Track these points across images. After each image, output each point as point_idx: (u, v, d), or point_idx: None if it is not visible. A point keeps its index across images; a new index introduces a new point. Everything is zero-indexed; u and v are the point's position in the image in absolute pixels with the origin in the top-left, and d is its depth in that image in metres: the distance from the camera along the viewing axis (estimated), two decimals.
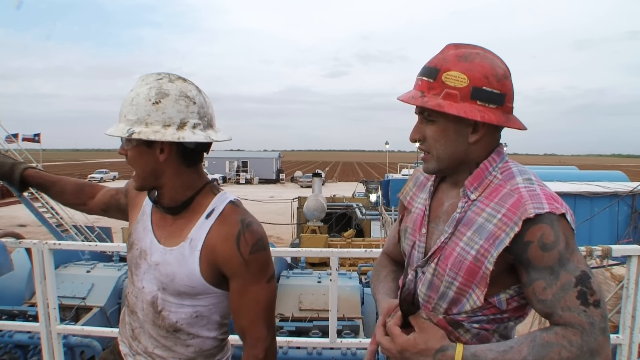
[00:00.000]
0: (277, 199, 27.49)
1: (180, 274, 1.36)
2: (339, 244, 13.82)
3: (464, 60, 1.14)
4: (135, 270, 1.46)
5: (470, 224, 1.16)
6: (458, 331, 1.18)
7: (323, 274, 6.32)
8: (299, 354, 3.12)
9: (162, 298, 1.40)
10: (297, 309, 5.47)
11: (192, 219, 1.40)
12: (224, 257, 1.35)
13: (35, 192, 16.87)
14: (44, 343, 2.76)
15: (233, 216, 1.39)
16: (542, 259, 1.06)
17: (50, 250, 2.70)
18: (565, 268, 1.05)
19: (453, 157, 1.19)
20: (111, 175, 57.10)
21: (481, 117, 1.11)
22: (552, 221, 1.05)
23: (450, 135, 1.17)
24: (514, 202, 1.09)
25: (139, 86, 1.32)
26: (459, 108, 1.12)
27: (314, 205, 15.43)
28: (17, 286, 5.45)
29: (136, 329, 1.47)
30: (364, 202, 19.86)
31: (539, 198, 1.07)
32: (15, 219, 25.25)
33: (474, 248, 1.13)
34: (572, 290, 1.03)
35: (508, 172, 1.18)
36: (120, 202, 1.67)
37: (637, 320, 2.49)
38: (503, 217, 1.10)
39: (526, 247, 1.07)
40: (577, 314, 1.02)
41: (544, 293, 1.06)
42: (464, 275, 1.14)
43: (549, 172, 17.84)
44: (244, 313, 1.39)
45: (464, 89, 1.12)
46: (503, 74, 1.15)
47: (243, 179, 56.67)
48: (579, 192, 10.39)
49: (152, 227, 1.45)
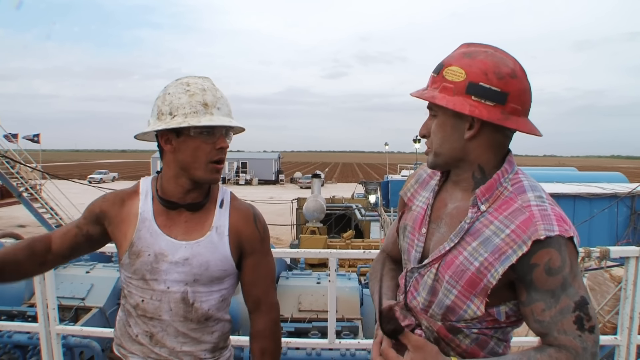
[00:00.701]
0: (277, 199, 27.51)
1: (214, 260, 1.47)
2: (338, 245, 13.83)
3: (467, 57, 1.14)
4: (151, 275, 1.46)
5: (476, 234, 1.14)
6: (458, 337, 1.18)
7: (322, 275, 6.32)
8: (298, 354, 3.12)
9: (193, 291, 1.46)
10: (296, 310, 5.47)
11: (208, 211, 1.51)
12: (247, 236, 1.53)
13: (34, 193, 16.89)
14: (43, 343, 2.76)
15: (240, 202, 1.59)
16: (546, 282, 1.06)
17: None
18: (567, 292, 1.05)
19: (450, 153, 1.19)
20: (111, 176, 56.98)
21: (470, 111, 1.10)
22: (561, 245, 1.05)
23: (447, 130, 1.18)
24: (524, 219, 1.08)
25: (213, 86, 1.48)
26: (448, 100, 1.13)
27: (313, 206, 15.44)
28: (16, 286, 5.44)
29: (157, 334, 1.48)
30: (364, 203, 19.87)
31: (550, 219, 1.06)
32: (15, 219, 25.25)
33: (477, 260, 1.12)
34: (570, 314, 1.05)
35: (519, 185, 1.15)
36: (90, 233, 1.54)
37: (635, 321, 2.50)
38: (512, 234, 1.08)
39: (532, 269, 1.06)
40: (573, 338, 1.04)
41: (542, 315, 1.07)
42: (464, 285, 1.13)
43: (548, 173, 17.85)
44: (259, 284, 1.57)
45: (460, 84, 1.12)
46: (509, 73, 1.11)
47: (242, 179, 56.60)
48: (578, 194, 10.41)
49: (161, 229, 1.47)
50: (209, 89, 1.44)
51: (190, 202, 1.48)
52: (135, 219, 1.48)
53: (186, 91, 1.41)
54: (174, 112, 1.39)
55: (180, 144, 1.41)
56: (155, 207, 1.49)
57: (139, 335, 1.50)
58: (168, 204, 1.48)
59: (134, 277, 1.48)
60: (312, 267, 10.65)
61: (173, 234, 1.47)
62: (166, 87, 1.46)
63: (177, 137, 1.41)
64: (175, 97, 1.41)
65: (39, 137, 21.53)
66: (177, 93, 1.41)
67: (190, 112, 1.39)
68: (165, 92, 1.44)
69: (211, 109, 1.41)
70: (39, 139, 21.51)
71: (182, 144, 1.41)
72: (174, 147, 1.42)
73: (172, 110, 1.40)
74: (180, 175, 1.45)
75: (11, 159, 15.82)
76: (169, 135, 1.42)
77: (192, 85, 1.43)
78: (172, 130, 1.40)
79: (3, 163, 16.15)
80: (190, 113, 1.38)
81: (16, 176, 16.60)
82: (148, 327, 1.48)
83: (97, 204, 1.54)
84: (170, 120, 1.39)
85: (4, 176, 16.12)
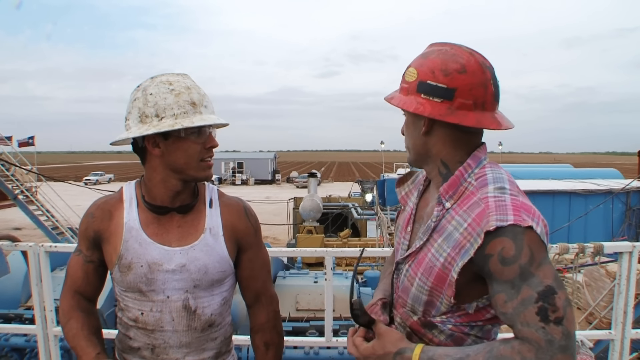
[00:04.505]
0: (273, 199, 27.47)
1: (212, 262, 1.43)
2: (335, 244, 13.84)
3: (422, 57, 1.21)
4: (147, 287, 1.40)
5: (441, 231, 1.17)
6: (432, 332, 1.20)
7: (319, 274, 6.33)
8: (296, 353, 3.13)
9: (194, 297, 1.42)
10: (294, 309, 5.48)
11: (199, 212, 1.47)
12: (242, 231, 1.51)
13: (30, 195, 16.83)
14: (41, 346, 2.76)
15: (228, 197, 1.56)
16: (503, 272, 1.04)
17: (46, 252, 2.71)
18: (528, 283, 1.02)
19: (415, 149, 1.27)
20: (107, 178, 56.81)
21: (415, 108, 1.17)
22: (515, 234, 1.03)
23: (410, 128, 1.27)
24: (479, 212, 1.08)
25: (194, 82, 1.42)
26: (400, 100, 1.22)
27: (309, 205, 15.42)
28: (13, 289, 5.44)
29: (159, 346, 1.43)
30: (360, 202, 19.86)
31: (505, 209, 1.05)
32: (11, 222, 25.16)
33: (442, 255, 1.14)
34: (532, 305, 1.00)
35: (482, 178, 1.16)
36: (101, 259, 1.48)
37: (629, 315, 2.52)
38: (468, 227, 1.10)
39: (487, 260, 1.06)
40: (535, 330, 0.99)
41: (504, 306, 1.04)
42: (433, 280, 1.16)
43: (544, 170, 17.89)
44: (258, 277, 1.57)
45: (412, 83, 1.19)
46: (456, 69, 1.14)
47: (239, 179, 56.53)
48: (573, 190, 10.46)
49: (151, 238, 1.41)
50: (192, 86, 1.38)
51: (180, 204, 1.43)
52: (120, 231, 1.41)
53: (171, 90, 1.34)
54: (161, 114, 1.32)
55: (169, 146, 1.35)
56: (143, 214, 1.43)
57: (141, 348, 1.45)
58: (158, 209, 1.42)
59: (128, 290, 1.42)
60: (309, 267, 10.65)
61: (165, 241, 1.41)
62: (144, 87, 1.37)
63: (164, 139, 1.34)
64: (159, 98, 1.33)
65: (34, 139, 21.48)
66: (161, 93, 1.33)
67: (180, 112, 1.32)
68: (146, 92, 1.35)
69: (199, 107, 1.36)
70: (34, 141, 21.46)
71: (171, 146, 1.35)
72: (162, 150, 1.35)
73: (158, 112, 1.32)
74: (169, 178, 1.39)
75: (6, 161, 15.77)
76: (156, 138, 1.34)
77: (175, 84, 1.36)
78: (160, 133, 1.32)
79: None
80: (180, 114, 1.32)
81: (11, 179, 16.56)
82: (150, 340, 1.43)
83: (89, 226, 1.45)
84: (159, 122, 1.32)
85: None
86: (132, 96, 1.39)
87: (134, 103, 1.37)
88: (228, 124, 1.47)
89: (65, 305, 1.49)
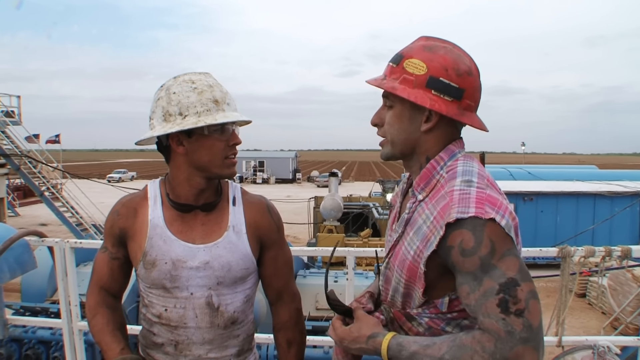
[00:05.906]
0: (294, 198, 27.57)
1: (235, 259, 1.44)
2: (355, 244, 13.81)
3: (428, 50, 1.18)
4: (172, 283, 1.42)
5: (413, 224, 1.18)
6: (412, 323, 1.21)
7: (340, 274, 6.33)
8: (315, 352, 3.12)
9: (217, 294, 1.44)
10: (313, 309, 5.49)
11: (222, 210, 1.48)
12: (265, 229, 1.52)
13: (55, 192, 17.18)
14: (66, 339, 2.82)
15: (251, 195, 1.57)
16: (464, 264, 1.05)
17: (71, 248, 2.76)
18: (489, 275, 1.02)
19: (405, 144, 1.23)
20: (129, 175, 57.49)
21: (430, 105, 1.14)
22: (475, 226, 1.03)
23: (404, 122, 1.21)
24: (444, 205, 1.09)
25: (216, 81, 1.43)
26: (410, 92, 1.16)
27: (330, 204, 15.42)
28: (40, 283, 5.57)
29: (182, 342, 1.45)
30: (381, 201, 19.79)
31: (467, 202, 1.06)
32: (37, 218, 25.68)
33: (412, 249, 1.16)
34: (493, 297, 1.01)
35: (452, 171, 1.16)
36: (126, 256, 1.50)
37: None
38: (434, 220, 1.11)
39: (449, 252, 1.07)
40: (495, 321, 0.99)
41: (468, 298, 1.05)
42: (406, 273, 1.17)
43: (568, 171, 17.57)
44: (280, 275, 1.57)
45: (421, 77, 1.16)
46: (466, 70, 1.16)
47: (260, 178, 56.79)
48: (599, 192, 10.26)
49: (175, 235, 1.42)
50: (214, 84, 1.40)
51: (204, 202, 1.45)
52: (145, 228, 1.43)
53: (193, 89, 1.36)
54: (184, 112, 1.34)
55: (192, 144, 1.37)
56: (167, 212, 1.45)
57: (164, 344, 1.46)
58: (182, 207, 1.43)
59: (153, 287, 1.44)
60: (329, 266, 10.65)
61: (189, 238, 1.43)
62: (167, 87, 1.39)
63: (188, 137, 1.36)
64: (182, 96, 1.35)
65: (60, 137, 21.95)
66: (184, 92, 1.35)
67: (203, 110, 1.34)
68: (169, 91, 1.37)
69: (222, 105, 1.37)
70: (60, 139, 21.93)
71: (195, 144, 1.36)
72: (187, 148, 1.37)
73: (181, 110, 1.34)
74: (193, 176, 1.40)
75: (33, 158, 16.12)
76: (180, 137, 1.36)
77: (197, 83, 1.38)
78: (184, 131, 1.34)
79: (26, 163, 16.47)
80: (203, 111, 1.34)
81: (38, 176, 16.92)
82: (173, 336, 1.45)
83: (115, 224, 1.48)
84: (182, 120, 1.34)
85: (26, 176, 16.44)
86: (156, 96, 1.41)
87: (157, 102, 1.39)
88: (251, 121, 1.47)
89: (91, 301, 1.52)
